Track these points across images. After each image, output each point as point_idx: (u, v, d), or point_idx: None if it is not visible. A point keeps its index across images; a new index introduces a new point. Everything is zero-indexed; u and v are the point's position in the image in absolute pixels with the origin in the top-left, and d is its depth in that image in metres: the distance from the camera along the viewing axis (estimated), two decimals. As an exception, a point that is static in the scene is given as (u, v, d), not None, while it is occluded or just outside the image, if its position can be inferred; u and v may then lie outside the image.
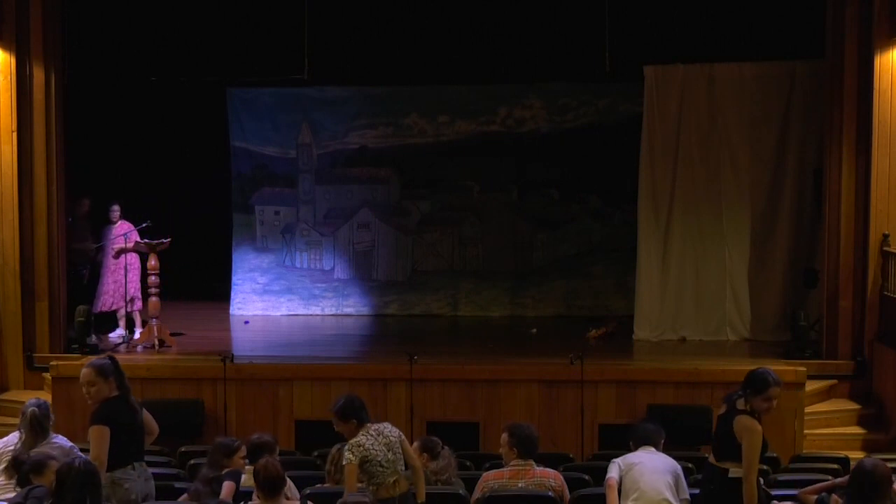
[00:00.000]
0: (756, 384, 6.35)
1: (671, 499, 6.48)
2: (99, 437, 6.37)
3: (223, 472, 6.86)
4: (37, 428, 7.02)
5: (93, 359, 6.95)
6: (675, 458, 6.86)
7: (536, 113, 14.07)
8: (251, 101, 14.20)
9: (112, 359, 6.71)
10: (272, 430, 9.85)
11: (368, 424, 6.52)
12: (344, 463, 6.39)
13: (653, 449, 6.80)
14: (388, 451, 6.44)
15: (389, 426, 6.62)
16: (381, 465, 6.38)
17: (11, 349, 11.03)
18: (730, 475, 6.28)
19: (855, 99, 10.79)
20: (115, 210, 12.30)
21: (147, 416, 6.73)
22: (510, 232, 14.28)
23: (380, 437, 6.46)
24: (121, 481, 6.51)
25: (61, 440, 7.16)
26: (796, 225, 12.11)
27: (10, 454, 6.97)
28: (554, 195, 14.18)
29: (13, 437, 7.20)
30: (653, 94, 12.22)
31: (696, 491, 6.69)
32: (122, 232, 12.15)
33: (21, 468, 6.34)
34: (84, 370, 6.59)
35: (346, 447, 6.42)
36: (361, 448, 6.37)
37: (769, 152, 12.07)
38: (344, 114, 14.23)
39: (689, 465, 7.63)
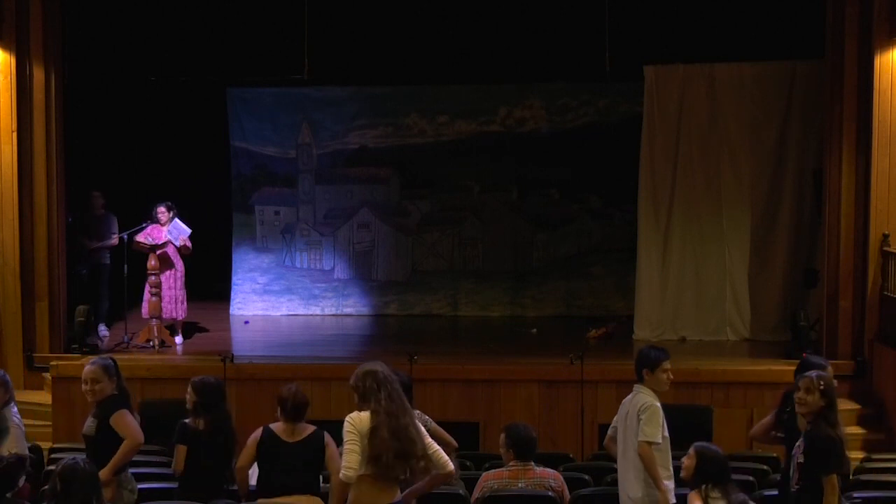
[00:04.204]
0: None
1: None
2: (128, 419, 6.46)
3: None
4: None
5: (95, 357, 6.95)
6: (674, 457, 6.81)
7: (536, 113, 14.05)
8: (251, 101, 14.18)
9: (113, 360, 6.76)
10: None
11: None
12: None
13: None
14: None
15: None
16: None
17: (11, 349, 11.01)
18: None
19: (855, 99, 10.76)
20: (163, 212, 11.71)
21: None
22: (510, 232, 14.26)
23: None
24: (125, 483, 6.52)
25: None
26: (796, 225, 12.11)
27: None
28: (554, 195, 14.17)
29: None
30: (653, 94, 12.21)
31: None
32: (184, 233, 11.76)
33: None
34: (89, 367, 6.62)
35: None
36: None
37: (769, 152, 12.07)
38: (344, 114, 14.21)
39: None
